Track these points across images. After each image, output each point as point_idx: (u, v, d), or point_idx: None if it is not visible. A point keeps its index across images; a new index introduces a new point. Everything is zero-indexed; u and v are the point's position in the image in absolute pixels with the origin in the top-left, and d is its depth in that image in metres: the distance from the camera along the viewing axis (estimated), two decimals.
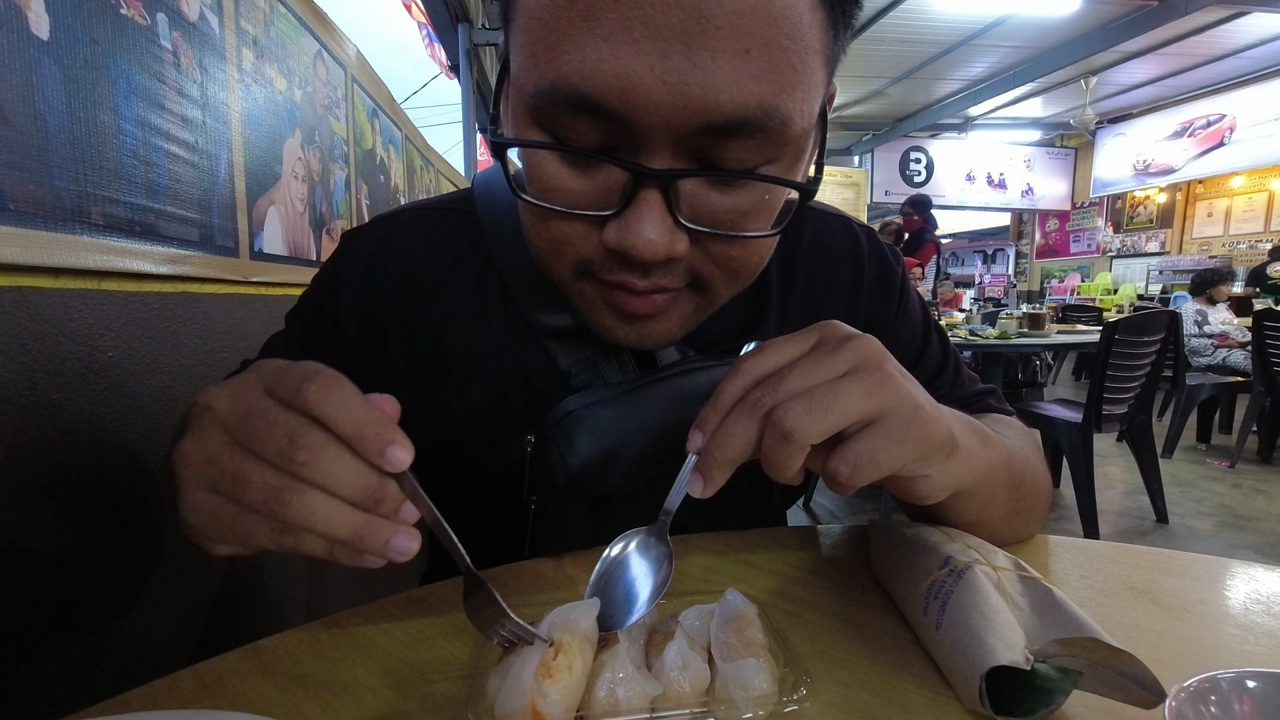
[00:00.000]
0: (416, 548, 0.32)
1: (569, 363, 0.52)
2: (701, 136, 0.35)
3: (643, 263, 0.38)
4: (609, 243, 0.39)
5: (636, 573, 0.37)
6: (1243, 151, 7.03)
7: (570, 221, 0.40)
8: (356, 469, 0.31)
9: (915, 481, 0.37)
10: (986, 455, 0.43)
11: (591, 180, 0.38)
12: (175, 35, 0.79)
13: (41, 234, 0.57)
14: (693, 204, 0.38)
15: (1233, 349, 3.97)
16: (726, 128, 0.35)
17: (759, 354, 0.37)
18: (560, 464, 0.49)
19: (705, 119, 0.34)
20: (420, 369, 0.54)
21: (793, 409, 0.33)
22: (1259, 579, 0.45)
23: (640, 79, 0.33)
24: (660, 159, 0.36)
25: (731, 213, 0.39)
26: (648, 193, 0.37)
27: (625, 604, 0.35)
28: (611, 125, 0.35)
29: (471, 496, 0.55)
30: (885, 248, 0.63)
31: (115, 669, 0.64)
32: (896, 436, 0.35)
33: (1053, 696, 0.30)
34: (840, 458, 0.35)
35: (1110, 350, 2.39)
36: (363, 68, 1.66)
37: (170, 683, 0.34)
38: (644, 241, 0.37)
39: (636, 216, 0.37)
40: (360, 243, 0.56)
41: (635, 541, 0.38)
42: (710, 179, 0.38)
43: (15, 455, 0.54)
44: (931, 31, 5.61)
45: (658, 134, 0.35)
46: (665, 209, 0.37)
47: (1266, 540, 2.60)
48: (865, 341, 0.37)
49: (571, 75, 0.34)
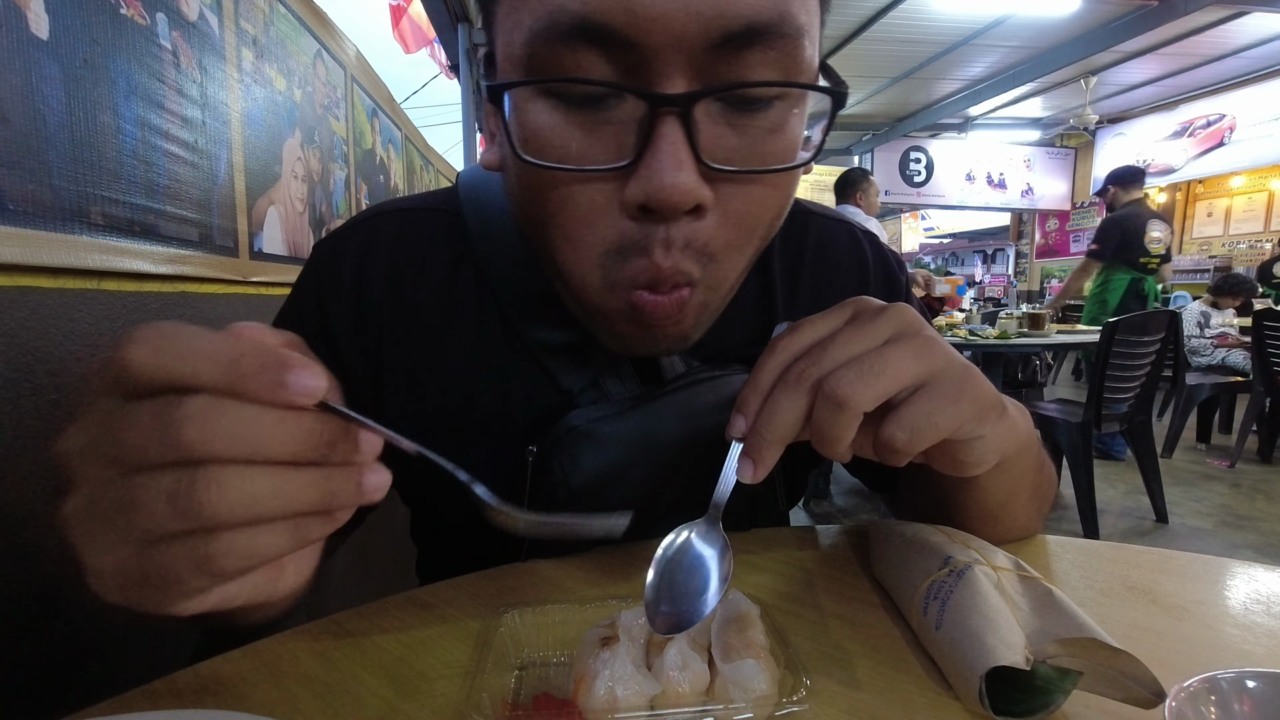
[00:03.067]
0: (389, 480, 0.27)
1: (570, 380, 0.51)
2: (719, 53, 0.33)
3: (673, 210, 0.35)
4: (632, 198, 0.35)
5: (697, 566, 0.35)
6: (1243, 151, 7.02)
7: (587, 191, 0.36)
8: (273, 418, 0.23)
9: (970, 445, 0.36)
10: (1024, 423, 0.42)
11: (600, 134, 0.35)
12: (175, 35, 0.79)
13: (41, 234, 0.57)
14: (714, 141, 0.35)
15: (1232, 349, 3.97)
16: (745, 34, 0.32)
17: (795, 331, 0.37)
18: (564, 481, 0.48)
19: (721, 26, 0.32)
20: (415, 383, 0.52)
21: (844, 376, 0.32)
22: (1259, 579, 0.45)
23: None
24: (676, 84, 0.33)
25: (752, 149, 0.36)
26: (667, 128, 0.33)
27: (689, 600, 0.33)
28: (617, 52, 0.33)
29: (468, 507, 0.55)
30: (889, 253, 0.63)
31: (115, 669, 0.64)
32: (951, 396, 0.34)
33: (1052, 697, 0.30)
34: (896, 423, 0.33)
35: (1110, 350, 2.39)
36: (362, 67, 1.66)
37: (170, 683, 0.34)
38: (669, 184, 0.33)
39: (658, 156, 0.33)
40: (342, 250, 0.53)
41: (691, 535, 0.36)
42: (729, 105, 0.35)
43: (15, 454, 0.54)
44: (931, 31, 5.61)
45: (670, 53, 0.32)
46: (687, 146, 0.34)
47: (1266, 540, 2.60)
48: (902, 309, 0.36)
49: (570, 3, 0.32)
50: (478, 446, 0.52)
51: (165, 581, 0.24)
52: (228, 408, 0.23)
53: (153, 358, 0.23)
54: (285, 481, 0.24)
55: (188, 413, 0.23)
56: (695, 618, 0.32)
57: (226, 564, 0.24)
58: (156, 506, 0.23)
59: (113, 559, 0.24)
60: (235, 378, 0.23)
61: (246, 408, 0.23)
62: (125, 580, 0.24)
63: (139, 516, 0.23)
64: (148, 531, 0.23)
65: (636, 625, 0.34)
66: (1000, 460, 0.38)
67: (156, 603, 0.25)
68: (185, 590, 0.24)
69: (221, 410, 0.23)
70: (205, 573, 0.24)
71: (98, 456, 0.24)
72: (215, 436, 0.23)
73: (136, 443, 0.23)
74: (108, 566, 0.24)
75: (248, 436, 0.23)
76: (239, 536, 0.24)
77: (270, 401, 0.24)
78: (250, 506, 0.23)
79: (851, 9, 5.16)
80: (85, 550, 0.24)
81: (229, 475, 0.23)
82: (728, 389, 0.51)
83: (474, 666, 0.33)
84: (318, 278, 0.53)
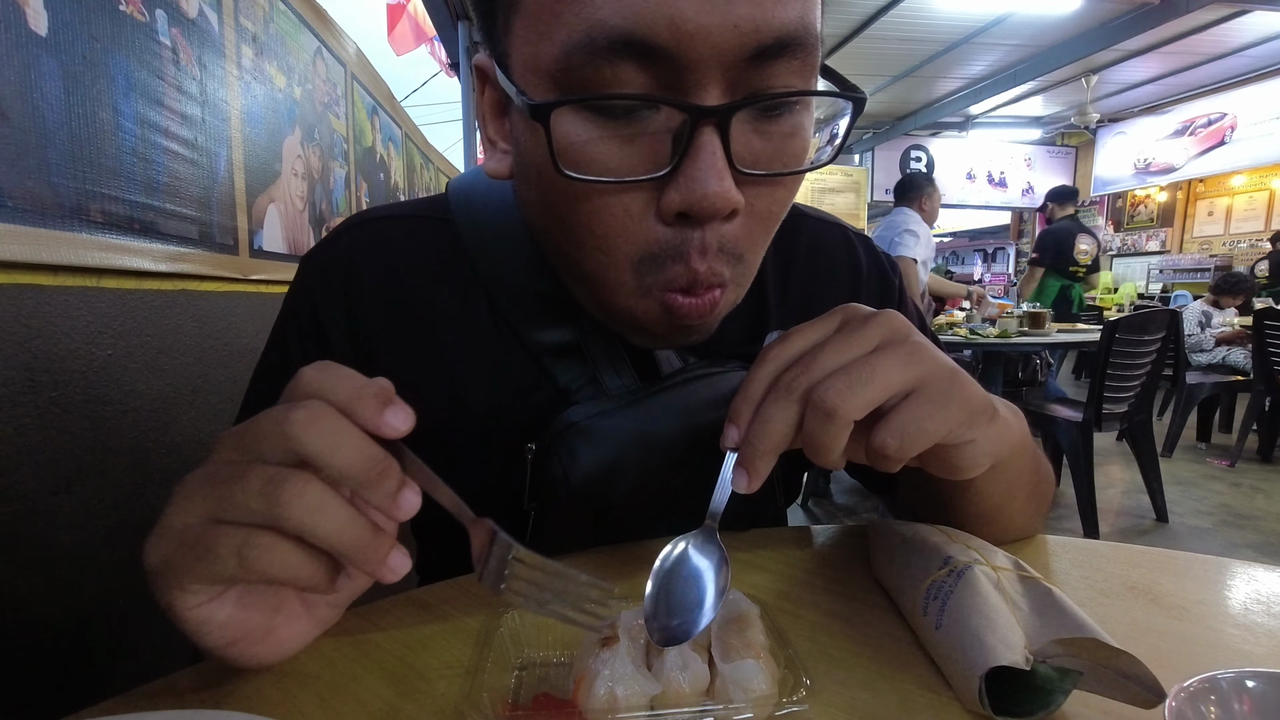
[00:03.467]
0: (409, 567, 0.31)
1: (567, 378, 0.51)
2: (750, 64, 0.34)
3: (713, 216, 0.37)
4: (671, 206, 0.36)
5: (695, 578, 0.35)
6: (1244, 150, 7.02)
7: (622, 200, 0.37)
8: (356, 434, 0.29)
9: (961, 450, 0.36)
10: (1018, 425, 0.43)
11: (638, 145, 0.36)
12: (174, 32, 0.79)
13: (40, 231, 0.57)
14: (745, 146, 0.37)
15: (1233, 347, 3.97)
16: (776, 47, 0.34)
17: (785, 341, 0.37)
18: (562, 477, 0.48)
19: (756, 40, 0.33)
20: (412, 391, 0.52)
21: (833, 385, 0.33)
22: (1259, 579, 0.45)
23: (686, 5, 0.32)
24: (713, 95, 0.34)
25: (777, 153, 0.38)
26: (706, 137, 0.35)
27: (687, 611, 0.33)
28: (657, 66, 0.33)
29: (468, 503, 0.55)
30: (883, 256, 0.63)
31: (115, 669, 0.64)
32: (940, 401, 0.34)
33: (1052, 697, 0.30)
34: (886, 430, 0.34)
35: (1111, 349, 2.39)
36: (362, 65, 1.66)
37: (170, 683, 0.34)
38: (712, 191, 0.35)
39: (698, 166, 0.35)
40: (330, 255, 0.53)
41: (688, 547, 0.36)
42: (758, 111, 0.37)
43: (14, 453, 0.54)
44: (932, 30, 5.60)
45: (708, 66, 0.34)
46: (724, 155, 0.35)
47: (1266, 539, 2.60)
48: (890, 315, 0.36)
49: (610, 17, 0.32)
50: (476, 444, 0.52)
51: (206, 551, 0.28)
52: (329, 415, 0.29)
53: (316, 375, 0.31)
54: (346, 510, 0.29)
55: (298, 414, 0.29)
56: (693, 630, 0.32)
57: (257, 558, 0.28)
58: (251, 485, 0.28)
59: (185, 519, 0.29)
60: (354, 399, 0.30)
61: (342, 420, 0.29)
62: (180, 541, 0.29)
63: (235, 489, 0.28)
64: (232, 504, 0.28)
65: (636, 625, 0.34)
66: (994, 463, 0.39)
67: (182, 570, 0.29)
68: (211, 569, 0.28)
69: (324, 414, 0.29)
70: (239, 556, 0.28)
71: (236, 442, 0.30)
72: (314, 427, 0.28)
73: (260, 434, 0.29)
74: (177, 524, 0.29)
75: (333, 437, 0.29)
76: (280, 542, 0.29)
77: (366, 425, 0.30)
78: (313, 513, 0.28)
79: (852, 7, 5.16)
80: (176, 507, 0.30)
81: (314, 482, 0.28)
82: (724, 385, 0.51)
83: (474, 666, 0.33)
84: (312, 299, 0.53)
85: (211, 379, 0.89)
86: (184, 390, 0.83)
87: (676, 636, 0.32)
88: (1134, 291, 8.17)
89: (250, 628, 0.32)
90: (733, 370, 0.52)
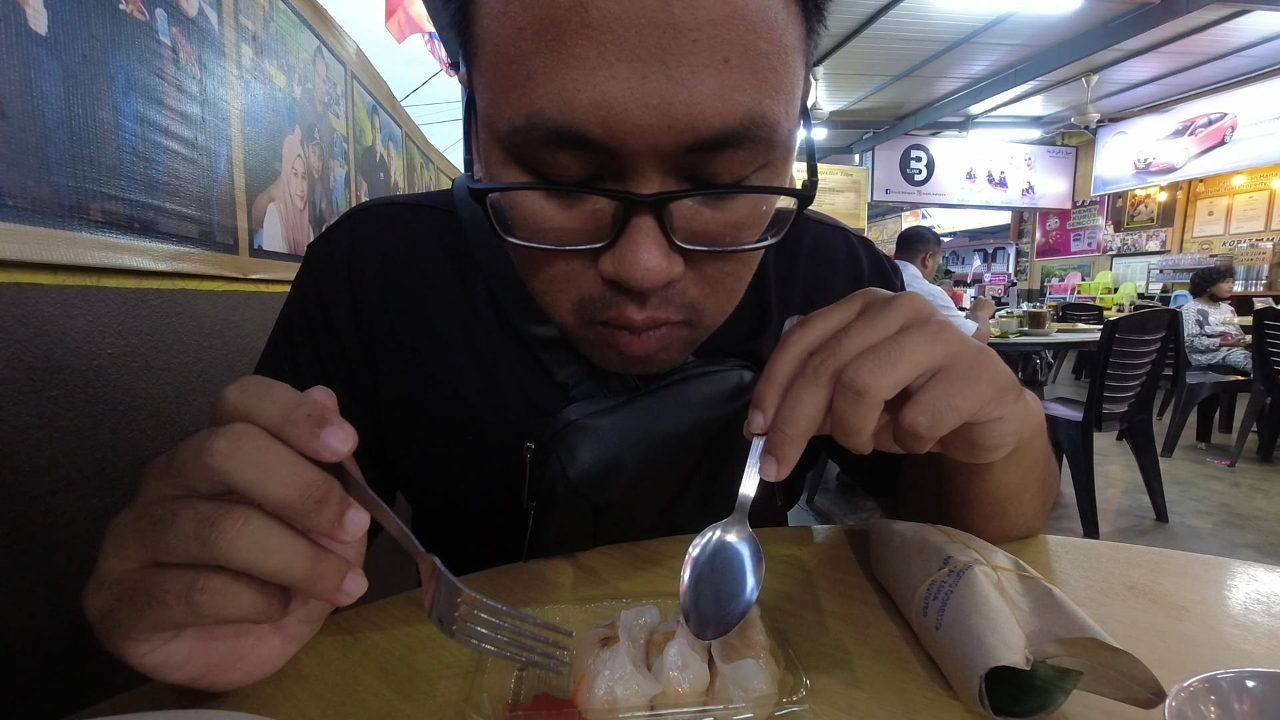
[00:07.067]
0: (364, 589, 0.30)
1: (565, 373, 0.51)
2: (690, 154, 0.34)
3: (641, 291, 0.37)
4: (605, 273, 0.37)
5: (731, 567, 0.35)
6: (1244, 150, 7.01)
7: (565, 259, 0.38)
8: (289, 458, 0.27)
9: (988, 427, 0.36)
10: (1037, 407, 0.43)
11: (580, 213, 0.37)
12: (174, 31, 0.79)
13: (40, 230, 0.57)
14: (687, 224, 0.37)
15: (1233, 347, 3.97)
16: (715, 142, 0.33)
17: (806, 325, 0.37)
18: (561, 474, 0.48)
19: (693, 136, 0.33)
20: (412, 378, 0.53)
21: (862, 365, 0.33)
22: (1259, 579, 0.45)
23: (621, 104, 0.32)
24: (649, 183, 0.35)
25: (727, 226, 0.38)
26: (640, 219, 0.35)
27: (727, 602, 0.33)
28: (595, 155, 0.34)
29: (468, 502, 0.55)
30: (884, 259, 0.63)
31: (115, 669, 0.64)
32: (969, 378, 0.34)
33: (1052, 696, 0.30)
34: (917, 409, 0.33)
35: (1111, 349, 2.39)
36: (362, 64, 1.66)
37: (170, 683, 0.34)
38: (642, 270, 0.35)
39: (631, 245, 0.35)
40: (335, 238, 0.54)
41: (718, 536, 0.36)
42: (702, 196, 0.37)
43: (14, 452, 0.54)
44: (932, 29, 5.60)
45: (645, 158, 0.34)
46: (660, 233, 0.36)
47: (1266, 539, 2.60)
48: (912, 297, 0.36)
49: (548, 109, 0.32)
50: (474, 437, 0.53)
51: (150, 600, 0.27)
52: (252, 440, 0.27)
53: (240, 397, 0.28)
54: (291, 543, 0.27)
55: (218, 443, 0.27)
56: (733, 621, 0.32)
57: (207, 602, 0.27)
58: (185, 528, 0.26)
59: (122, 566, 0.28)
60: (284, 420, 0.28)
61: (273, 443, 0.27)
62: (120, 590, 0.28)
63: (168, 533, 0.26)
64: (168, 549, 0.27)
65: (636, 625, 0.34)
66: (1016, 444, 0.39)
67: (128, 621, 0.28)
68: (158, 617, 0.27)
69: (246, 440, 0.27)
70: (186, 602, 0.27)
71: (164, 474, 0.28)
72: (237, 456, 0.26)
73: (183, 465, 0.27)
74: (114, 572, 0.28)
75: (261, 465, 0.27)
76: (230, 583, 0.27)
77: (301, 449, 0.28)
78: (257, 553, 0.26)
79: (853, 7, 5.16)
80: (109, 554, 0.28)
81: (253, 518, 0.27)
82: (724, 383, 0.51)
83: (474, 666, 0.33)
84: (319, 286, 0.53)
85: (211, 379, 0.89)
86: (184, 390, 0.83)
87: (719, 629, 0.32)
88: (1134, 291, 8.17)
89: (215, 659, 0.31)
90: (733, 368, 0.52)
